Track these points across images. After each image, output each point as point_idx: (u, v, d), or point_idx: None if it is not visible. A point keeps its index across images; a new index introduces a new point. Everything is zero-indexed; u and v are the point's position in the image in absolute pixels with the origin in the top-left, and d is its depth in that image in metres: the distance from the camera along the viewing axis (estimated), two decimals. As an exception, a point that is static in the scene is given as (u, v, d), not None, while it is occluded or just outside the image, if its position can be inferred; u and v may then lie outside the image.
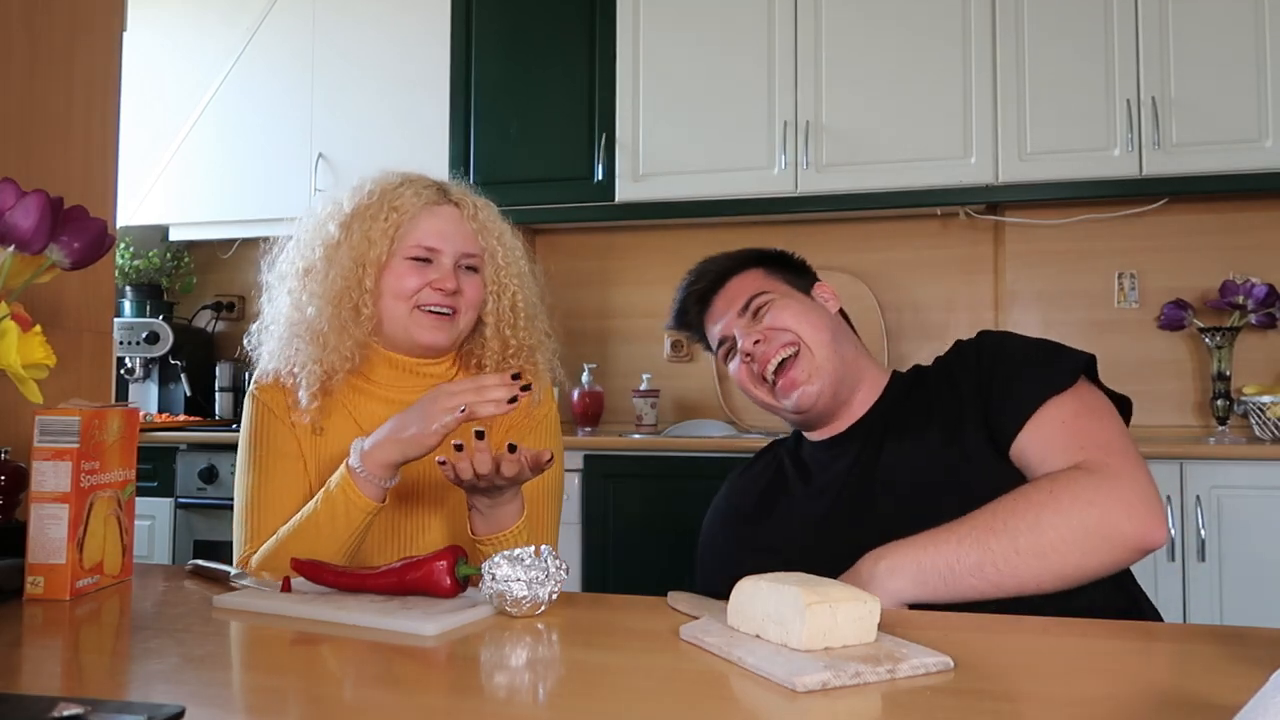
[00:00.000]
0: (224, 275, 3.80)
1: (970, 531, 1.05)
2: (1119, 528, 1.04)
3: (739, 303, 1.33)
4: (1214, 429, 2.82)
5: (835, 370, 1.28)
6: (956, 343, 1.30)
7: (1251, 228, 2.90)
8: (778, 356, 1.27)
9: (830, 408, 1.30)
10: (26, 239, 0.93)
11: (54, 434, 1.01)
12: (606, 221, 3.24)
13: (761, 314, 1.31)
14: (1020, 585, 1.04)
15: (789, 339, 1.28)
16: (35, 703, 0.67)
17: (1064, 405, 1.15)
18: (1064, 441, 1.12)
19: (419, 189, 1.35)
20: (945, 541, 1.05)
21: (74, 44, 1.40)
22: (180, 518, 3.04)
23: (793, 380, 1.27)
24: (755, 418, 3.21)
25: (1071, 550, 1.03)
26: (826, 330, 1.30)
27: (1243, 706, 0.52)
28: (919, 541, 1.06)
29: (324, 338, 1.29)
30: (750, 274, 1.37)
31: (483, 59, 3.20)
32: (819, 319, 1.31)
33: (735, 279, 1.37)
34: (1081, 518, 1.04)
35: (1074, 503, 1.04)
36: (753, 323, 1.31)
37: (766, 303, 1.31)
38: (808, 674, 0.72)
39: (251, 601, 1.00)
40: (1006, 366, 1.21)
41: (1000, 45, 2.80)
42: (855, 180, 2.88)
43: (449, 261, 1.32)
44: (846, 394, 1.30)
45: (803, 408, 1.28)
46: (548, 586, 0.94)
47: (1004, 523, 1.05)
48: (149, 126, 3.46)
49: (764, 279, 1.36)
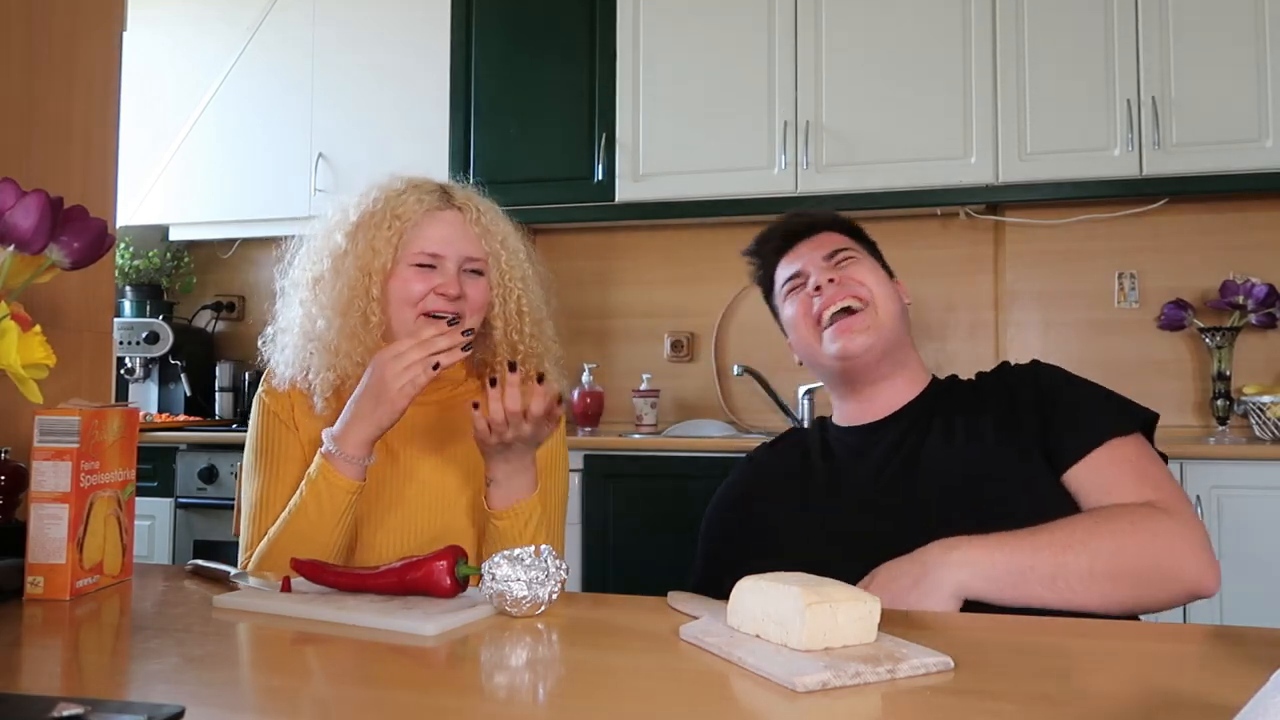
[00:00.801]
0: (224, 275, 3.80)
1: (1049, 543, 1.06)
2: (1187, 570, 1.07)
3: (825, 249, 1.35)
4: (1214, 429, 2.82)
5: (891, 337, 1.30)
6: (1005, 363, 1.33)
7: (1251, 228, 2.90)
8: (844, 302, 1.29)
9: (869, 371, 1.30)
10: (26, 239, 0.93)
11: (54, 434, 1.01)
12: (606, 221, 3.24)
13: (843, 265, 1.33)
14: (1084, 604, 1.05)
15: (862, 293, 1.30)
16: (35, 703, 0.67)
17: (1129, 446, 1.18)
18: (1133, 478, 1.14)
19: (422, 195, 1.35)
20: (1021, 547, 1.06)
21: (74, 44, 1.40)
22: (180, 518, 3.04)
23: (849, 326, 1.28)
24: (755, 418, 3.21)
25: (1140, 581, 1.06)
26: (897, 303, 1.33)
27: (1243, 706, 0.52)
28: (994, 541, 1.07)
29: (335, 346, 1.31)
30: (842, 235, 1.39)
31: (483, 59, 3.20)
32: (893, 291, 1.34)
33: (827, 233, 1.38)
34: (1157, 554, 1.06)
35: (1154, 538, 1.07)
36: (834, 269, 1.32)
37: (850, 258, 1.34)
38: (808, 674, 0.72)
39: (251, 601, 1.00)
40: (1072, 395, 1.23)
41: (1000, 45, 2.80)
42: (855, 180, 2.88)
43: (453, 266, 1.33)
44: (889, 369, 1.31)
45: (849, 354, 1.28)
46: (548, 586, 0.94)
47: (1083, 542, 1.06)
48: (149, 126, 3.46)
49: (856, 244, 1.38)
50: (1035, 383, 1.26)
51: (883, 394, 1.32)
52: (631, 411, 3.19)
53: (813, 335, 1.31)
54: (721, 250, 3.31)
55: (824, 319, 1.29)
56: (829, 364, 1.31)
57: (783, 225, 1.41)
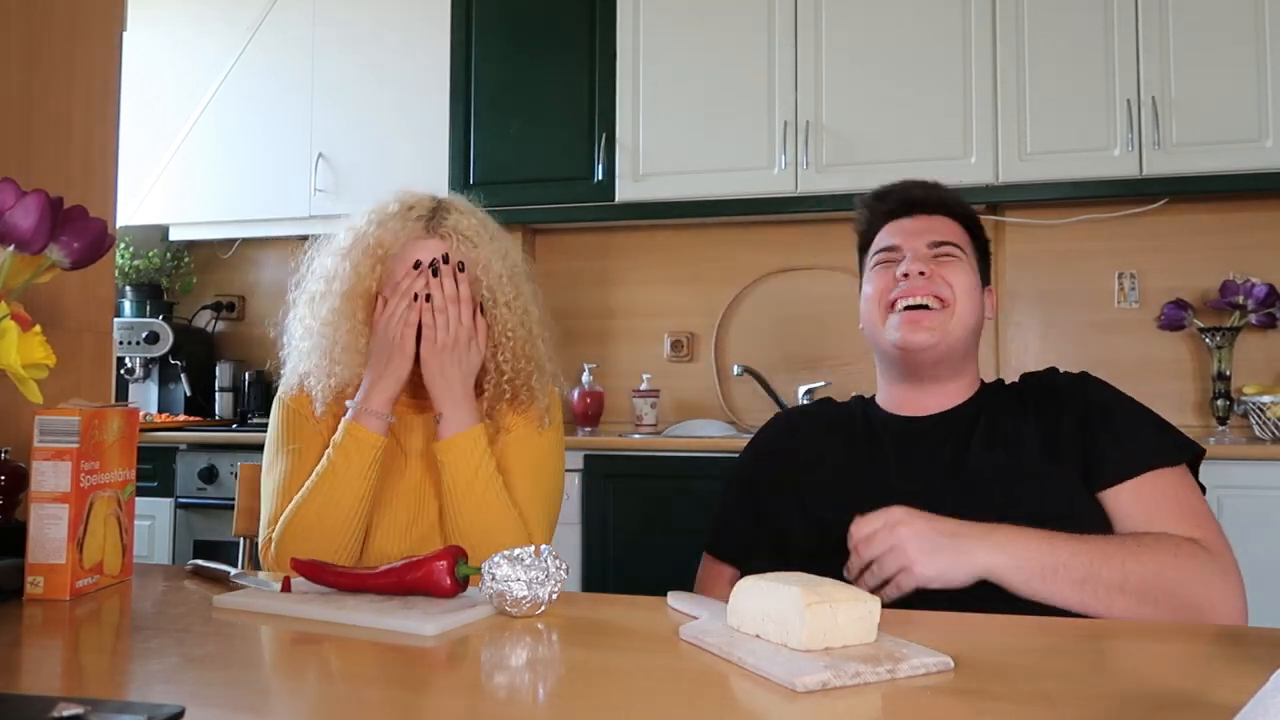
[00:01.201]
0: (224, 275, 3.80)
1: (1086, 550, 1.07)
2: (1215, 613, 1.07)
3: (935, 235, 1.32)
4: (1214, 429, 2.82)
5: (956, 345, 1.29)
6: (1053, 369, 1.33)
7: (1251, 228, 2.90)
8: (925, 299, 1.28)
9: (923, 369, 1.30)
10: (26, 239, 0.93)
11: (54, 434, 1.01)
12: (606, 221, 3.24)
13: (940, 260, 1.31)
14: (1105, 613, 1.05)
15: (945, 294, 1.28)
16: (35, 703, 0.67)
17: (1173, 477, 1.18)
18: (1176, 511, 1.15)
19: (407, 221, 1.36)
20: (1060, 547, 1.07)
21: (74, 44, 1.40)
22: (180, 518, 3.04)
23: (917, 320, 1.27)
24: (755, 418, 3.21)
25: (1166, 608, 1.06)
26: (976, 316, 1.32)
27: (1243, 706, 0.52)
28: (1034, 534, 1.07)
29: (330, 360, 1.36)
30: (961, 228, 1.36)
31: (483, 59, 3.20)
32: (977, 304, 1.32)
33: (945, 218, 1.35)
34: (1192, 592, 1.07)
35: (1194, 574, 1.08)
36: (931, 261, 1.30)
37: (951, 256, 1.32)
38: (808, 674, 0.72)
39: (251, 601, 1.00)
40: (1122, 415, 1.23)
41: (1000, 45, 2.80)
42: (855, 180, 2.88)
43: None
44: (945, 373, 1.31)
45: (909, 345, 1.27)
46: (548, 586, 0.94)
47: (1122, 560, 1.06)
48: (149, 126, 3.47)
49: (966, 240, 1.35)
50: (1085, 396, 1.25)
51: (933, 394, 1.32)
52: (631, 411, 3.19)
53: (880, 314, 1.31)
54: (721, 250, 3.32)
55: (897, 305, 1.29)
56: (887, 348, 1.32)
57: (905, 190, 1.38)
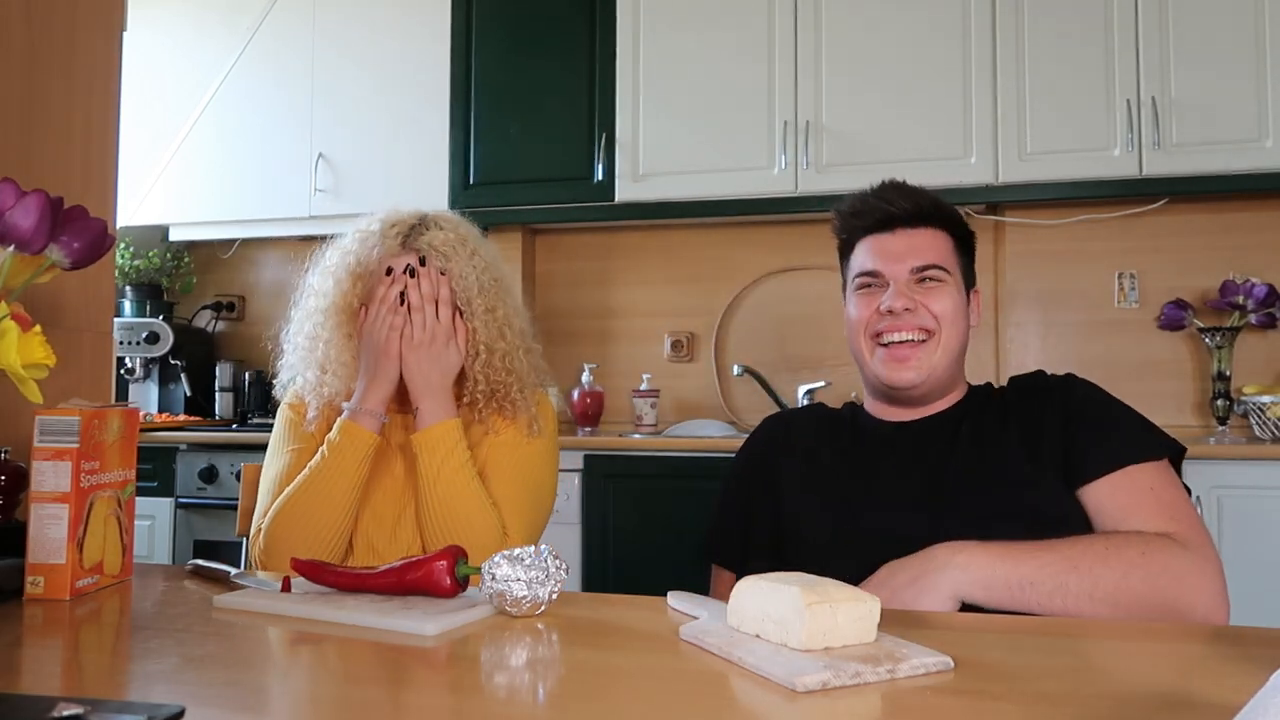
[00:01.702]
0: (224, 275, 3.80)
1: (1053, 560, 1.06)
2: (1193, 608, 1.06)
3: (919, 259, 1.29)
4: (1214, 429, 2.82)
5: (943, 376, 1.29)
6: (1040, 372, 1.32)
7: (1251, 228, 2.90)
8: (909, 334, 1.27)
9: (911, 399, 1.30)
10: (26, 239, 0.93)
11: (54, 434, 1.01)
12: (606, 221, 3.24)
13: (926, 285, 1.28)
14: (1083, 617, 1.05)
15: (930, 326, 1.27)
16: (35, 703, 0.67)
17: (1152, 473, 1.17)
18: (1153, 506, 1.14)
19: (386, 239, 1.38)
20: (1025, 561, 1.06)
21: (74, 44, 1.40)
22: (180, 518, 3.04)
23: (903, 357, 1.27)
24: (755, 418, 3.21)
25: (1141, 610, 1.05)
26: (960, 341, 1.30)
27: (1243, 706, 0.52)
28: (999, 550, 1.07)
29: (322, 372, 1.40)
30: (944, 237, 1.32)
31: (483, 59, 3.20)
32: (962, 328, 1.31)
33: (929, 231, 1.31)
34: (1164, 589, 1.06)
35: (1163, 572, 1.06)
36: (915, 287, 1.28)
37: (938, 283, 1.29)
38: (808, 674, 0.72)
39: (251, 601, 1.00)
40: (1103, 413, 1.23)
41: (1000, 45, 2.80)
42: (855, 180, 2.83)
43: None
44: (935, 397, 1.31)
45: (897, 384, 1.28)
46: (548, 586, 0.94)
47: (1089, 567, 1.06)
48: (149, 126, 3.47)
49: (950, 253, 1.32)
50: (1068, 397, 1.25)
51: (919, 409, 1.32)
52: (631, 411, 3.19)
53: (865, 345, 1.31)
54: (721, 250, 3.32)
55: (881, 337, 1.28)
56: (871, 378, 1.32)
57: (883, 204, 1.31)
